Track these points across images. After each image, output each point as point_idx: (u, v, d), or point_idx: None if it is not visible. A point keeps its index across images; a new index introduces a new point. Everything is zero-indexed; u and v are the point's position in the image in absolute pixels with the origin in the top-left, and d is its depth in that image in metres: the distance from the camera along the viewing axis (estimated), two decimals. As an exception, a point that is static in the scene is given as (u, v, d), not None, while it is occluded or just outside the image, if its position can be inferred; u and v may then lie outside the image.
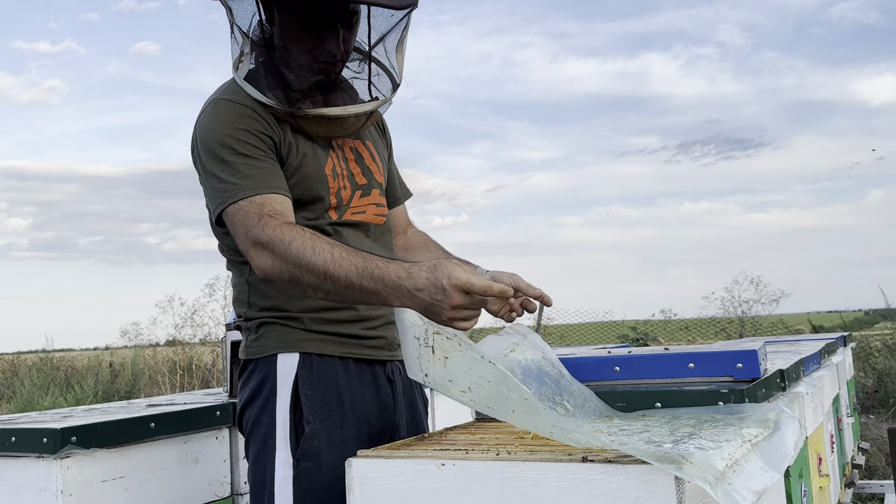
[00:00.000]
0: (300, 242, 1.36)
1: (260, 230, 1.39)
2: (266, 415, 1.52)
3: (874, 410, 8.15)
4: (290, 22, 1.51)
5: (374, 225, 1.64)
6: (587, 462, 1.07)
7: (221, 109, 1.52)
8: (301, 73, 1.53)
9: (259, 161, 1.48)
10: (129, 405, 2.25)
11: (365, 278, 1.31)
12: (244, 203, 1.44)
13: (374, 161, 1.67)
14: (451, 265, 1.25)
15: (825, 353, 2.91)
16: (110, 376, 11.52)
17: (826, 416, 2.69)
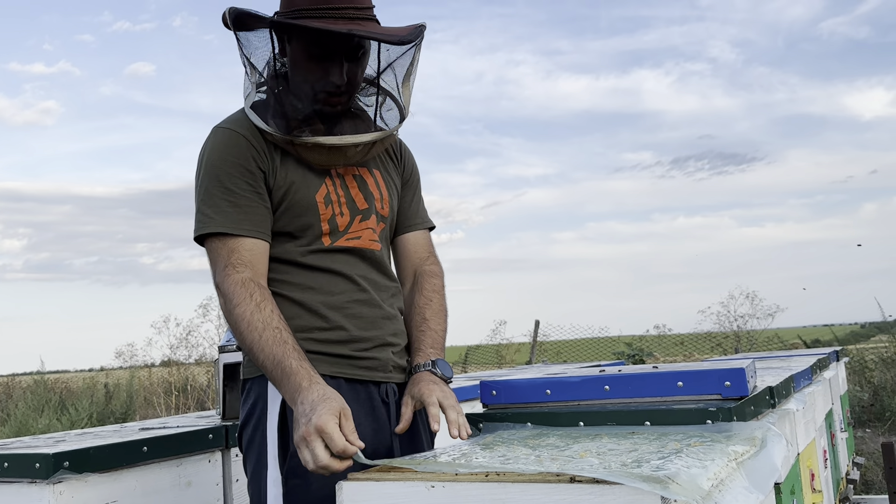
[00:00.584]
0: (241, 311, 1.46)
1: (221, 279, 1.51)
2: (259, 433, 1.55)
3: (870, 424, 8.14)
4: (296, 53, 1.56)
5: (370, 251, 1.65)
6: (575, 483, 1.08)
7: (217, 138, 1.57)
8: (303, 102, 1.56)
9: (242, 198, 1.53)
10: (122, 429, 2.25)
11: (276, 369, 1.43)
12: (217, 243, 1.53)
13: (377, 188, 1.69)
14: (328, 412, 1.32)
15: (817, 368, 2.92)
16: (105, 398, 11.46)
17: (818, 432, 2.70)
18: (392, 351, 1.65)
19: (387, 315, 1.65)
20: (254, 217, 1.54)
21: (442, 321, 1.71)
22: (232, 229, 1.52)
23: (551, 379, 1.65)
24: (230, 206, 1.53)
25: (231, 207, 1.53)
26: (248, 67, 1.59)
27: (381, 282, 1.67)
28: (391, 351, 1.64)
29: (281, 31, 1.57)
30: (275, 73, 1.60)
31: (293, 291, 1.57)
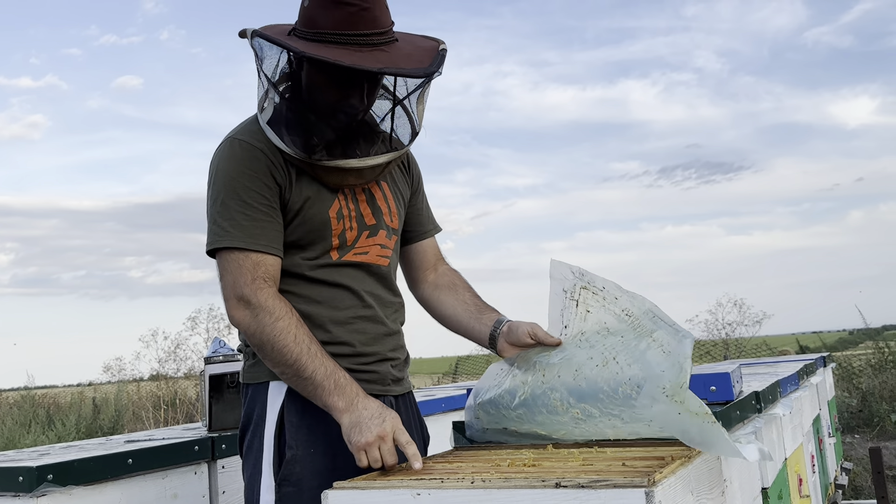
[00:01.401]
0: (286, 323, 1.48)
1: (252, 291, 1.50)
2: (256, 440, 1.56)
3: (859, 430, 8.17)
4: (317, 78, 1.54)
5: (377, 266, 1.66)
6: (560, 488, 1.08)
7: (235, 150, 1.56)
8: (323, 123, 1.55)
9: (259, 212, 1.53)
10: (108, 441, 2.23)
11: (329, 379, 1.46)
12: (239, 255, 1.52)
13: (386, 202, 1.69)
14: (397, 418, 1.45)
15: (804, 374, 2.94)
16: (93, 413, 11.37)
17: (806, 437, 2.70)
18: (391, 365, 1.67)
19: (389, 332, 1.67)
20: (270, 233, 1.54)
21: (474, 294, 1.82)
22: (252, 245, 1.52)
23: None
24: (248, 221, 1.52)
25: (248, 221, 1.52)
26: (264, 82, 1.57)
27: (385, 297, 1.68)
28: (390, 365, 1.67)
29: (306, 63, 1.54)
30: (295, 90, 1.58)
31: (299, 303, 1.57)
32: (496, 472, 1.24)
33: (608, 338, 1.46)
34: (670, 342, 1.35)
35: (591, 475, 1.13)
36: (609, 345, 1.44)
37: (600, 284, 1.48)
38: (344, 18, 1.47)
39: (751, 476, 1.50)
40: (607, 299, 1.46)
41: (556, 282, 1.54)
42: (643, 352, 1.38)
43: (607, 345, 1.44)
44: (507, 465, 1.32)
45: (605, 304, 1.47)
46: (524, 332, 1.62)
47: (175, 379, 12.78)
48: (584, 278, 1.49)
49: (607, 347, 1.44)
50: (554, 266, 1.57)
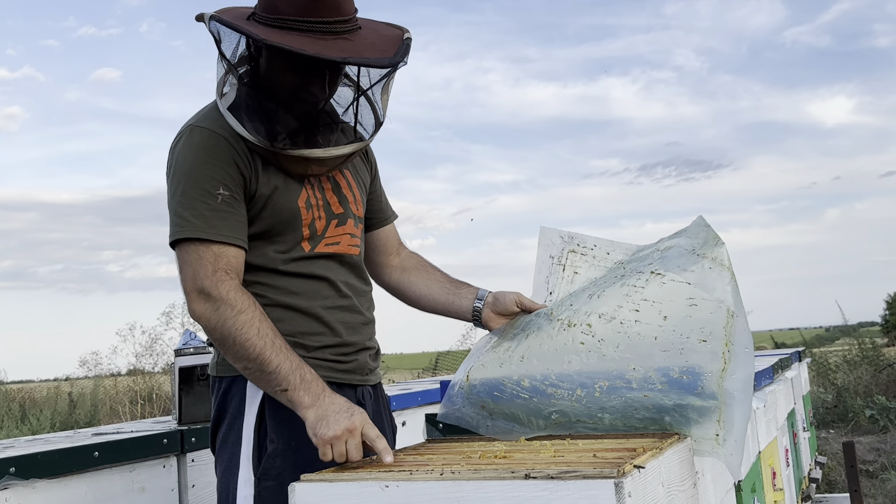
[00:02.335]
0: (248, 317, 1.43)
1: (213, 284, 1.45)
2: (233, 433, 1.52)
3: (834, 425, 8.26)
4: (279, 66, 1.51)
5: (349, 255, 1.64)
6: (529, 479, 1.06)
7: (196, 139, 1.51)
8: (284, 111, 1.52)
9: (222, 203, 1.48)
10: (75, 434, 2.20)
11: (295, 374, 1.42)
12: (199, 247, 1.47)
13: (350, 190, 1.67)
14: (364, 414, 1.40)
15: (778, 368, 2.95)
16: (69, 407, 11.25)
17: (780, 431, 2.72)
18: (368, 355, 1.66)
19: (366, 321, 1.66)
20: (233, 224, 1.49)
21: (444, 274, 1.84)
22: (214, 235, 1.47)
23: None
24: (209, 211, 1.47)
25: (210, 212, 1.47)
26: (222, 64, 1.53)
27: (359, 287, 1.66)
28: (368, 355, 1.65)
29: (266, 50, 1.51)
30: (255, 77, 1.54)
31: (278, 295, 1.55)
32: (466, 464, 1.23)
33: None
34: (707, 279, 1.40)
35: (560, 466, 1.12)
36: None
37: (591, 244, 1.49)
38: (307, 5, 1.44)
39: (724, 469, 1.50)
40: (597, 257, 1.48)
41: (544, 248, 1.54)
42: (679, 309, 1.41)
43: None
44: (478, 456, 1.31)
45: (595, 263, 1.48)
46: (511, 301, 1.65)
47: (152, 374, 12.67)
48: (572, 241, 1.50)
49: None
50: (543, 232, 1.57)
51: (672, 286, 1.42)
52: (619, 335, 1.44)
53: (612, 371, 1.42)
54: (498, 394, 1.53)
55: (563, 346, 1.48)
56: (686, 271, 1.41)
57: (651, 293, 1.44)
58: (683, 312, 1.41)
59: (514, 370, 1.52)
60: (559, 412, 1.47)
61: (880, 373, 9.16)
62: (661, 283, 1.44)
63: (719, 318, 1.39)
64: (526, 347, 1.53)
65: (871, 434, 7.61)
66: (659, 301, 1.43)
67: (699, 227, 1.48)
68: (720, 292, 1.39)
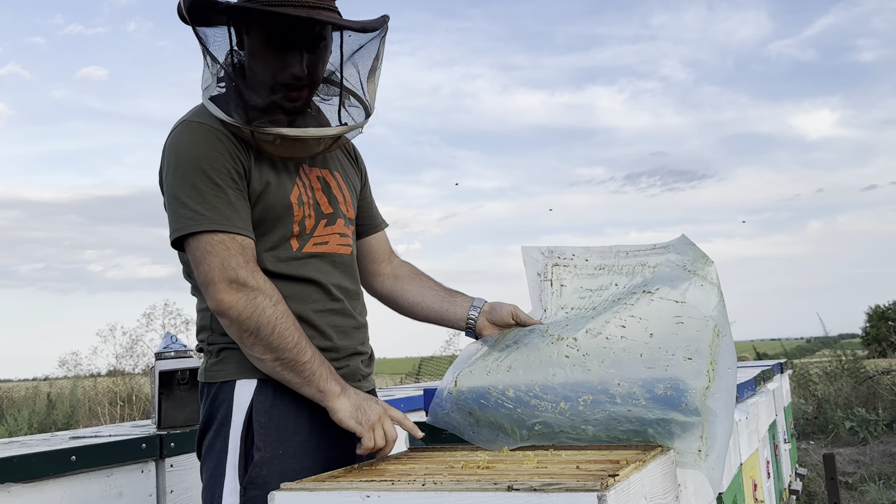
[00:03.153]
0: (284, 307, 1.46)
1: (248, 273, 1.44)
2: (220, 441, 1.49)
3: (814, 436, 8.31)
4: (257, 44, 1.50)
5: (339, 255, 1.62)
6: (512, 491, 1.05)
7: (195, 132, 1.49)
8: (264, 93, 1.50)
9: (231, 194, 1.46)
10: (52, 437, 2.17)
11: (325, 365, 1.47)
12: (224, 237, 1.44)
13: (340, 191, 1.65)
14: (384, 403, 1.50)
15: (760, 379, 2.96)
16: (47, 408, 11.13)
17: (762, 443, 2.72)
18: (360, 360, 1.63)
19: (358, 324, 1.64)
20: (245, 217, 1.48)
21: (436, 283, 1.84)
22: (232, 228, 1.45)
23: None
24: (222, 203, 1.45)
25: (223, 204, 1.45)
26: (206, 58, 1.52)
27: (351, 289, 1.64)
28: (360, 360, 1.63)
29: (236, 17, 1.50)
30: (233, 64, 1.53)
31: None
32: (449, 474, 1.22)
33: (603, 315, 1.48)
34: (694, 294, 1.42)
35: (544, 478, 1.11)
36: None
37: (569, 254, 1.51)
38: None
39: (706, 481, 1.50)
40: (579, 265, 1.50)
41: (530, 267, 1.56)
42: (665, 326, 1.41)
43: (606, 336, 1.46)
44: (460, 466, 1.30)
45: (577, 272, 1.50)
46: (507, 313, 1.66)
47: (132, 375, 12.57)
48: (553, 255, 1.51)
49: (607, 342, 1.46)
50: (525, 252, 1.59)
51: (660, 304, 1.43)
52: (605, 350, 1.44)
53: (597, 385, 1.42)
54: (484, 402, 1.52)
55: (549, 358, 1.48)
56: (676, 288, 1.42)
57: (639, 310, 1.45)
58: (670, 329, 1.41)
59: (500, 379, 1.52)
60: (542, 423, 1.47)
61: (861, 385, 9.23)
62: (649, 300, 1.45)
63: (706, 336, 1.39)
64: (514, 359, 1.53)
65: (851, 446, 7.66)
66: (646, 318, 1.44)
67: (685, 245, 1.48)
68: (708, 310, 1.40)
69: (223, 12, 1.49)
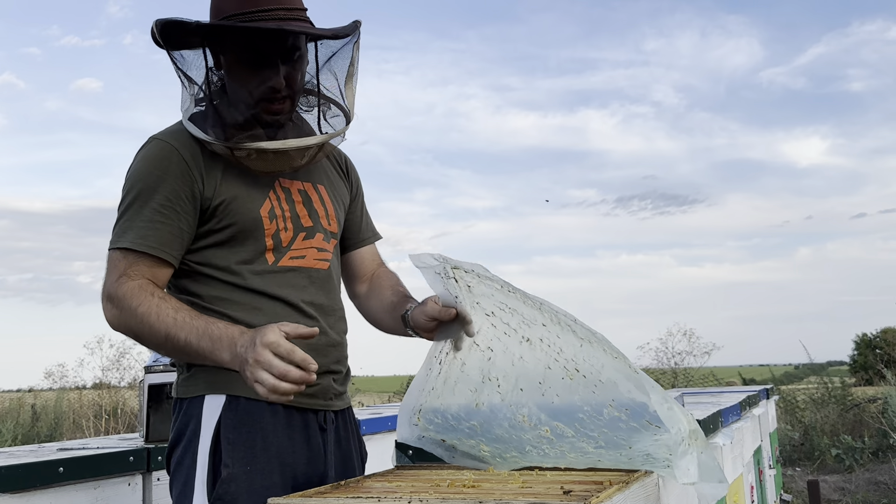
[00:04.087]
0: (146, 307, 1.43)
1: (114, 287, 1.46)
2: (188, 456, 1.49)
3: (800, 463, 8.32)
4: (232, 61, 1.52)
5: (316, 270, 1.61)
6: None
7: (151, 150, 1.53)
8: (242, 109, 1.52)
9: (160, 214, 1.48)
10: (40, 448, 2.17)
11: (204, 339, 1.40)
12: (118, 256, 1.49)
13: (322, 205, 1.65)
14: (271, 328, 1.33)
15: (746, 405, 2.98)
16: (31, 419, 11.02)
17: (746, 468, 2.74)
18: (333, 378, 1.62)
19: (332, 342, 1.62)
20: (164, 235, 1.49)
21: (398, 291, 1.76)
22: (139, 245, 1.48)
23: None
24: (143, 222, 1.48)
25: (144, 223, 1.48)
26: (183, 80, 1.55)
27: (327, 305, 1.63)
28: (332, 378, 1.61)
29: (209, 36, 1.52)
30: (210, 83, 1.55)
31: (238, 312, 1.52)
32: (435, 493, 1.23)
33: (533, 328, 1.49)
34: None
35: (528, 498, 1.13)
36: (547, 341, 1.47)
37: (468, 267, 1.52)
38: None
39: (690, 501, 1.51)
40: (480, 274, 1.52)
41: (426, 270, 1.51)
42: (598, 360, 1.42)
43: (547, 342, 1.47)
44: (447, 485, 1.31)
45: (479, 280, 1.52)
46: (431, 300, 1.55)
47: (118, 388, 12.47)
48: (449, 261, 1.51)
49: (550, 349, 1.47)
50: (415, 258, 1.54)
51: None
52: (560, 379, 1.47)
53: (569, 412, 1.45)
54: (452, 433, 1.53)
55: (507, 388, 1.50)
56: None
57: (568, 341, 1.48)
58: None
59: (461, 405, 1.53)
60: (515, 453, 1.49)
61: (847, 412, 9.25)
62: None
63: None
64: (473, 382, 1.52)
65: (836, 473, 7.67)
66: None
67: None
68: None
69: (195, 33, 1.51)
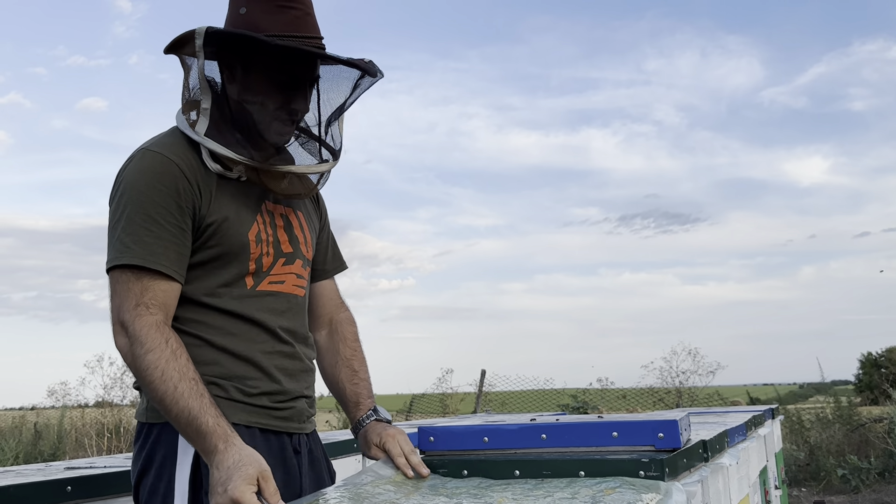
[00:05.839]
0: (155, 357, 1.37)
1: (131, 319, 1.40)
2: (164, 484, 1.45)
3: (806, 483, 8.27)
4: (260, 79, 1.51)
5: (293, 296, 1.61)
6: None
7: (147, 162, 1.47)
8: (267, 128, 1.52)
9: (164, 230, 1.44)
10: (47, 468, 2.17)
11: (190, 427, 1.35)
12: (131, 277, 1.42)
13: (302, 231, 1.65)
14: (245, 479, 1.29)
15: (752, 425, 2.97)
16: (34, 438, 11.01)
17: (752, 488, 2.73)
18: (306, 402, 1.64)
19: (305, 368, 1.63)
20: (172, 254, 1.44)
21: (367, 370, 1.77)
22: (151, 263, 1.41)
23: (489, 426, 1.64)
24: (152, 238, 1.42)
25: (152, 239, 1.42)
26: (196, 91, 1.52)
27: (300, 332, 1.63)
28: (305, 402, 1.63)
29: (253, 50, 1.50)
30: (233, 100, 1.53)
31: (214, 336, 1.50)
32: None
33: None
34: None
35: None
36: None
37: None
38: (290, 21, 1.49)
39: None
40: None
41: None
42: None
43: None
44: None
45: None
46: (377, 438, 1.60)
47: (121, 406, 12.46)
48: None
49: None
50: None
51: None
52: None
53: None
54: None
55: None
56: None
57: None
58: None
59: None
60: None
61: (853, 432, 9.20)
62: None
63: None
64: None
65: (842, 493, 7.62)
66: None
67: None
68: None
69: (238, 45, 1.50)
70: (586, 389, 11.84)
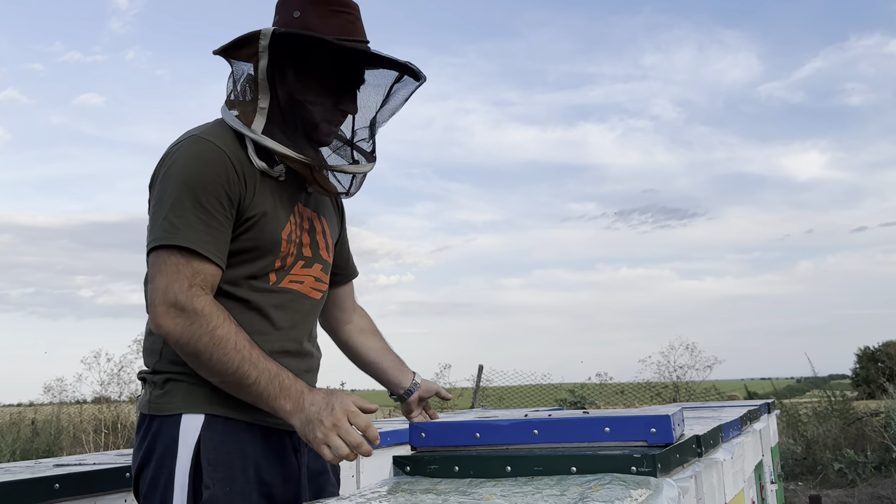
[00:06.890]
0: (224, 331, 1.41)
1: (188, 299, 1.40)
2: (164, 477, 1.45)
3: (803, 478, 8.28)
4: (319, 81, 1.55)
5: (310, 298, 1.63)
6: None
7: (201, 148, 1.48)
8: (317, 129, 1.57)
9: (213, 219, 1.45)
10: (36, 465, 2.15)
11: (273, 384, 1.42)
12: (180, 259, 1.42)
13: (324, 237, 1.67)
14: (346, 396, 1.43)
15: (747, 419, 2.96)
16: (31, 434, 11.01)
17: (747, 483, 2.72)
18: None
19: (309, 368, 1.65)
20: (220, 243, 1.46)
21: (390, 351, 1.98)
22: (202, 249, 1.43)
23: (480, 422, 1.63)
24: (201, 225, 1.43)
25: (202, 226, 1.44)
26: (250, 91, 1.53)
27: (312, 333, 1.67)
28: None
29: (320, 51, 1.53)
30: (285, 100, 1.55)
31: None
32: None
33: None
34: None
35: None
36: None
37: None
38: (343, 25, 1.52)
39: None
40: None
41: None
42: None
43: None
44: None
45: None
46: (433, 389, 1.94)
47: (118, 402, 12.46)
48: None
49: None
50: None
51: None
52: None
53: None
54: None
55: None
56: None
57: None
58: None
59: None
60: None
61: (850, 426, 9.21)
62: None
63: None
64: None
65: (839, 488, 7.63)
66: None
67: None
68: None
69: (300, 45, 1.51)
70: (584, 384, 11.85)
